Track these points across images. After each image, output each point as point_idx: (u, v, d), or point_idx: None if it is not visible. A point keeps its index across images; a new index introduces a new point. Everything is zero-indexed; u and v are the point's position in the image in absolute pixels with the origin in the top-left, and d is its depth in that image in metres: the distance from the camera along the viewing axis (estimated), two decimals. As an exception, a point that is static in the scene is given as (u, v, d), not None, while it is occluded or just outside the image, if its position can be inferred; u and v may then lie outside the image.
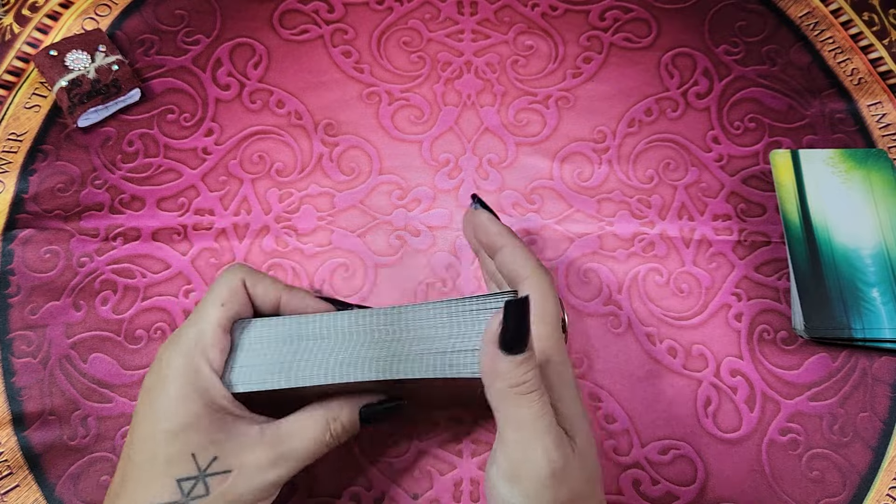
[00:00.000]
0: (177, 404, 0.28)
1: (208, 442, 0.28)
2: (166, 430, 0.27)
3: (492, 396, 0.26)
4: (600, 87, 0.47)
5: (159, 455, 0.27)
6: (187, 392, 0.28)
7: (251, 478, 0.28)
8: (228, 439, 0.28)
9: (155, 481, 0.27)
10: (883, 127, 0.47)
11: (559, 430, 0.26)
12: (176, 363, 0.28)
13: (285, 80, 0.47)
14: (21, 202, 0.43)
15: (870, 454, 0.39)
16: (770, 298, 0.42)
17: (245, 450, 0.28)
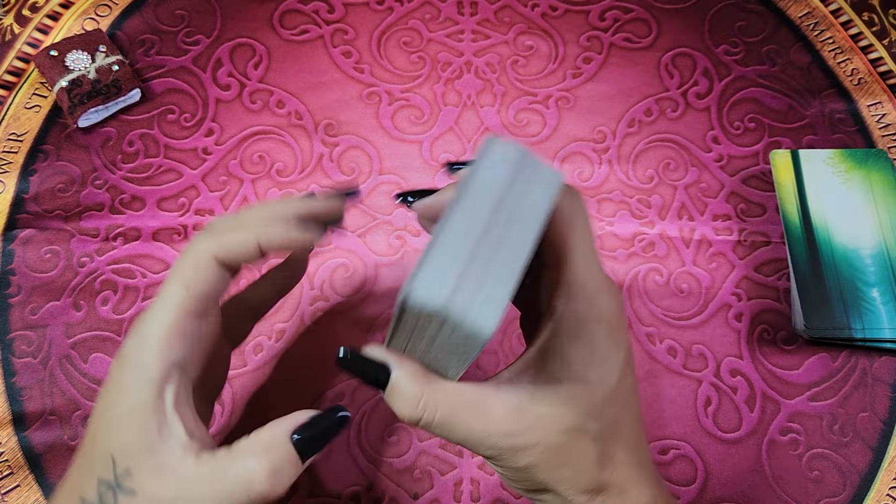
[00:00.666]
0: (118, 393, 0.25)
1: (128, 448, 0.24)
2: (104, 419, 0.25)
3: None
4: (600, 87, 0.47)
5: (98, 442, 0.25)
6: (128, 384, 0.25)
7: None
8: (148, 456, 0.24)
9: (87, 471, 0.25)
10: (883, 127, 0.47)
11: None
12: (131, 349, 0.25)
13: (285, 80, 0.47)
14: (21, 202, 0.43)
15: (870, 454, 0.39)
16: (770, 298, 0.42)
17: (157, 475, 0.24)
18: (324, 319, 0.41)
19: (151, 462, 0.24)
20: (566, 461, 0.25)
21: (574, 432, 0.25)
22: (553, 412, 0.25)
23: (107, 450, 0.25)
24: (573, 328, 0.25)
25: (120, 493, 0.24)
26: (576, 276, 0.25)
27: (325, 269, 0.42)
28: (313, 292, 0.41)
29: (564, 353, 0.25)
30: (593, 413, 0.25)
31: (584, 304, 0.25)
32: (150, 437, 0.25)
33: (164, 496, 0.24)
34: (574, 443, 0.25)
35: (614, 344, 0.26)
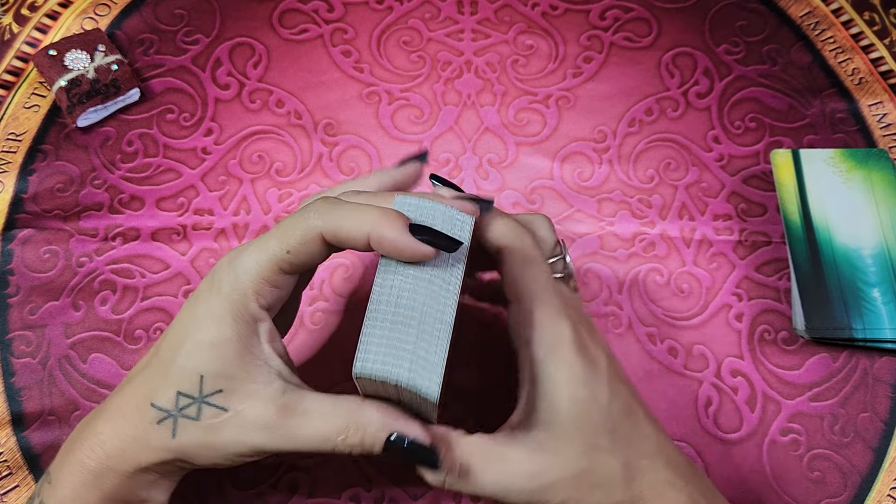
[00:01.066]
0: (212, 321, 0.26)
1: (221, 372, 0.26)
2: (194, 341, 0.26)
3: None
4: (601, 86, 0.47)
5: (178, 361, 0.26)
6: (225, 314, 0.26)
7: (241, 431, 0.26)
8: (242, 381, 0.26)
9: (162, 383, 0.26)
10: (884, 127, 0.47)
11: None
12: (226, 281, 0.27)
13: (285, 79, 0.47)
14: (20, 202, 0.43)
15: (871, 455, 0.39)
16: (771, 298, 0.42)
17: (254, 400, 0.26)
18: (323, 319, 0.40)
19: (248, 388, 0.26)
20: (594, 483, 0.26)
21: (589, 453, 0.26)
22: (563, 441, 0.26)
23: (194, 369, 0.26)
24: (548, 356, 0.27)
25: (206, 407, 0.26)
26: (538, 310, 0.27)
27: (324, 269, 0.42)
28: (313, 292, 0.41)
29: (550, 380, 0.27)
30: (599, 429, 0.27)
31: (550, 334, 0.27)
32: (251, 369, 0.26)
33: (258, 421, 0.26)
34: (594, 463, 0.26)
35: (590, 361, 0.27)
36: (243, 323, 0.26)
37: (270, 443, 0.26)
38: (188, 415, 0.26)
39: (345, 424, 0.26)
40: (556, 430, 0.26)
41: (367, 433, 0.26)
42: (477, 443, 0.27)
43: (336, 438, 0.26)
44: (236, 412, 0.26)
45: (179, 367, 0.26)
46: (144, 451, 0.27)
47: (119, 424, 0.27)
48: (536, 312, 0.28)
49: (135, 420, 0.27)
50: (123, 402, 0.27)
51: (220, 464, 0.27)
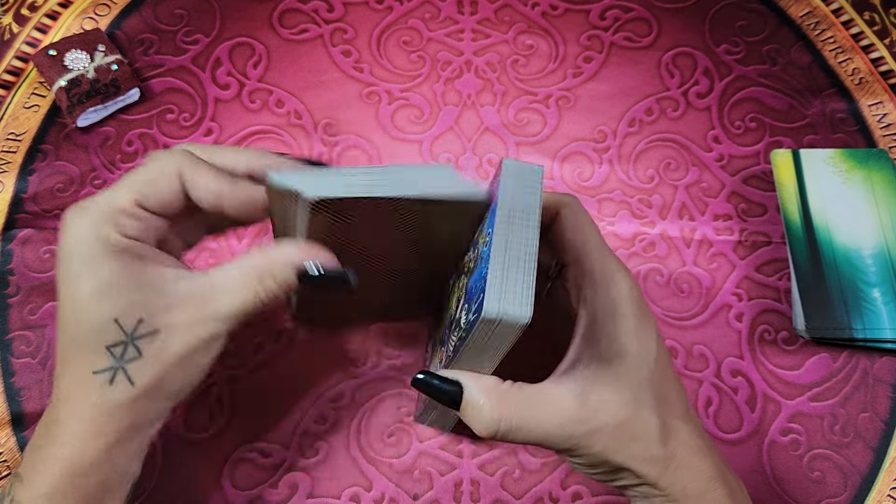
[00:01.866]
0: (89, 267, 0.26)
1: (128, 305, 0.26)
2: (85, 299, 0.26)
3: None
4: (601, 86, 0.47)
5: (84, 325, 0.26)
6: (97, 254, 0.26)
7: (182, 335, 0.27)
8: (152, 298, 0.27)
9: (89, 353, 0.26)
10: (884, 127, 0.47)
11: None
12: (82, 226, 0.27)
13: (285, 79, 0.47)
14: (20, 202, 0.43)
15: (871, 455, 0.39)
16: (771, 299, 0.42)
17: (171, 309, 0.27)
18: (323, 319, 0.40)
19: (162, 302, 0.27)
20: (634, 436, 0.27)
21: (634, 405, 0.27)
22: (611, 390, 0.27)
23: (104, 317, 0.26)
24: (607, 309, 0.28)
25: (139, 341, 0.26)
26: (596, 266, 0.29)
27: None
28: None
29: (606, 332, 0.28)
30: (644, 383, 0.27)
31: (610, 287, 0.29)
32: (149, 286, 0.27)
33: (187, 320, 0.27)
34: (637, 416, 0.27)
35: (644, 315, 0.29)
36: (121, 251, 0.27)
37: (212, 330, 0.27)
38: (130, 357, 0.26)
39: (255, 278, 0.27)
40: (606, 379, 0.27)
41: (277, 273, 0.28)
42: (528, 394, 0.27)
43: (256, 296, 0.27)
44: (166, 326, 0.27)
45: (90, 325, 0.26)
46: (115, 417, 0.27)
47: (78, 408, 0.27)
48: (598, 270, 0.29)
49: (89, 396, 0.27)
50: (69, 388, 0.27)
51: (192, 381, 0.28)
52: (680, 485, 0.27)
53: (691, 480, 0.28)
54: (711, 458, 0.28)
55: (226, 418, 0.38)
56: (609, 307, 0.28)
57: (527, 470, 0.38)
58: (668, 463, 0.27)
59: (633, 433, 0.27)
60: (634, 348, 0.28)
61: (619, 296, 0.28)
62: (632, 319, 0.28)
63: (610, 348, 0.28)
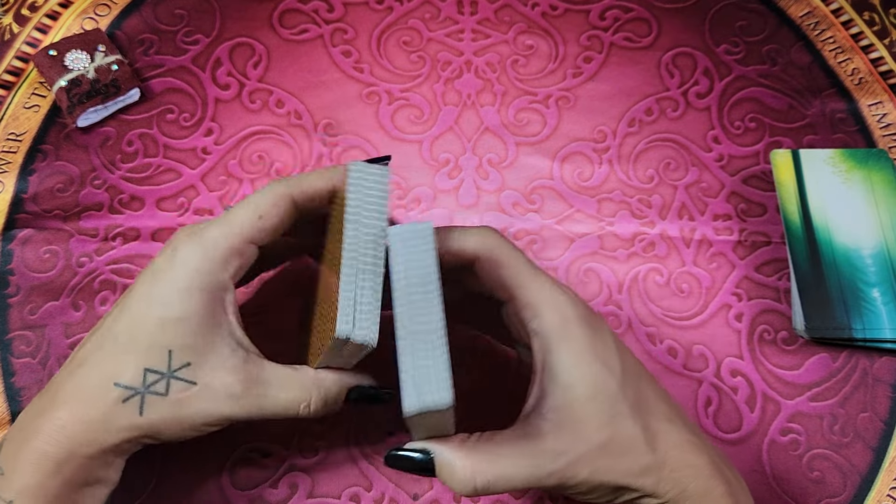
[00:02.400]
0: (179, 295, 0.27)
1: (189, 346, 0.27)
2: (159, 317, 0.27)
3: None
4: (600, 86, 0.47)
5: (141, 338, 0.27)
6: (193, 287, 0.27)
7: (209, 402, 0.27)
8: (209, 353, 0.27)
9: (126, 361, 0.27)
10: (884, 127, 0.47)
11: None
12: (192, 255, 0.27)
13: (285, 79, 0.47)
14: (20, 202, 0.43)
15: (870, 454, 0.39)
16: (771, 298, 0.42)
17: (218, 371, 0.27)
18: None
19: (216, 360, 0.27)
20: (620, 451, 0.26)
21: (610, 422, 0.26)
22: (583, 415, 0.26)
23: (161, 344, 0.26)
24: (555, 335, 0.27)
25: (175, 381, 0.27)
26: (532, 295, 0.28)
27: (324, 269, 0.42)
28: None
29: (561, 359, 0.27)
30: (615, 397, 0.27)
31: (552, 313, 0.27)
32: (217, 340, 0.27)
33: (227, 391, 0.27)
34: (617, 430, 0.26)
35: (596, 329, 0.28)
36: (210, 295, 0.27)
37: (238, 412, 0.27)
38: (156, 391, 0.26)
39: (308, 393, 0.28)
40: (574, 405, 0.27)
41: (331, 393, 0.29)
42: (500, 443, 0.27)
43: (300, 406, 0.28)
44: (204, 385, 0.27)
45: (145, 343, 0.26)
46: (110, 432, 0.27)
47: (79, 408, 0.27)
48: (535, 299, 0.28)
49: (97, 402, 0.27)
50: (81, 385, 0.27)
51: (184, 436, 0.28)
52: (679, 488, 0.27)
53: (691, 480, 0.27)
54: (707, 454, 0.28)
55: (226, 418, 0.38)
56: (557, 333, 0.27)
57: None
58: (662, 469, 0.27)
59: (618, 449, 0.26)
60: (595, 368, 0.27)
61: (564, 318, 0.27)
62: (583, 339, 0.27)
63: (571, 374, 0.27)
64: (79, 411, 0.27)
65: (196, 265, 0.27)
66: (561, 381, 0.27)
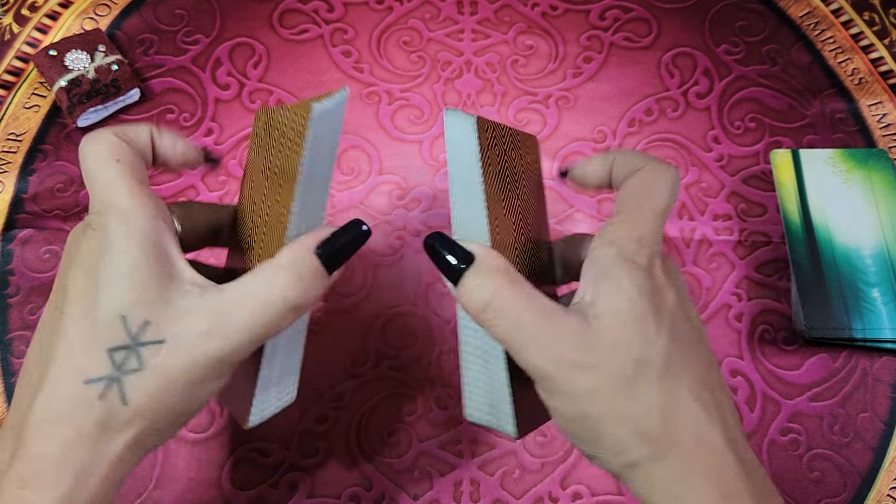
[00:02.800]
0: (112, 254, 0.23)
1: (139, 301, 0.23)
2: (100, 284, 0.23)
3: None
4: (600, 86, 0.47)
5: (90, 317, 0.23)
6: (123, 239, 0.23)
7: (187, 350, 0.23)
8: (164, 302, 0.23)
9: (84, 352, 0.23)
10: (883, 127, 0.47)
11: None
12: (104, 216, 0.24)
13: (285, 79, 0.47)
14: (20, 202, 0.43)
15: (870, 455, 0.39)
16: (770, 298, 0.42)
17: (181, 317, 0.23)
18: (324, 319, 0.40)
19: (172, 307, 0.23)
20: (631, 398, 0.23)
21: (640, 363, 0.23)
22: (619, 335, 0.23)
23: (112, 313, 0.23)
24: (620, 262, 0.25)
25: (142, 348, 0.23)
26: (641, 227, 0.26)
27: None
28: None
29: (622, 281, 0.24)
30: (655, 345, 0.24)
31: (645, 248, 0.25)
32: (164, 284, 0.23)
33: (197, 331, 0.23)
34: (640, 376, 0.23)
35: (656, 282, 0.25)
36: (143, 240, 0.24)
37: (222, 345, 0.23)
38: (130, 368, 0.23)
39: (275, 281, 0.24)
40: (614, 322, 0.24)
41: (301, 268, 0.25)
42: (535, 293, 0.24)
43: (277, 299, 0.24)
44: (173, 336, 0.23)
45: (97, 322, 0.23)
46: (101, 444, 0.22)
47: (60, 435, 0.22)
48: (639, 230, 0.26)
49: (73, 414, 0.22)
50: (50, 406, 0.23)
51: (187, 408, 0.24)
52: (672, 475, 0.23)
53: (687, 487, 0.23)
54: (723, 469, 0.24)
55: (226, 418, 0.38)
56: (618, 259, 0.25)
57: (527, 470, 0.38)
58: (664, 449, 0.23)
59: (630, 393, 0.23)
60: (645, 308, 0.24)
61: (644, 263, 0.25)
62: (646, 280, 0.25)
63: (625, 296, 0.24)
64: (59, 439, 0.22)
65: (111, 219, 0.24)
66: (616, 293, 0.24)
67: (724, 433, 0.24)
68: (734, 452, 0.24)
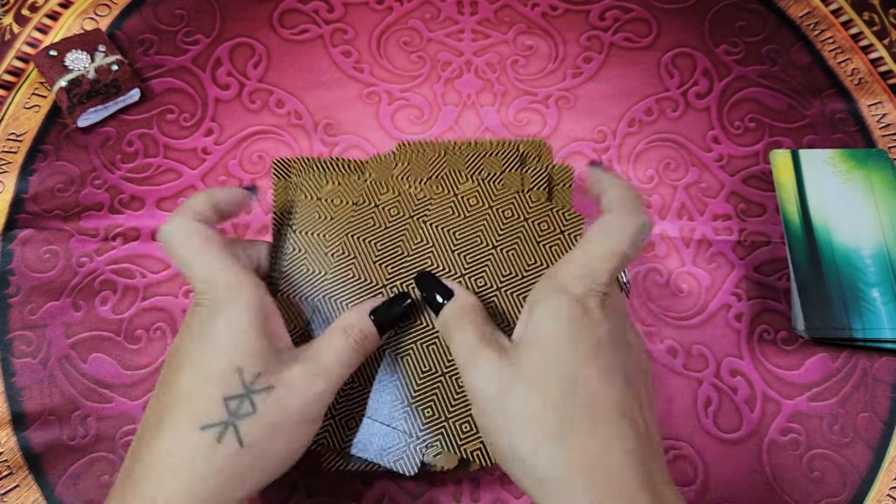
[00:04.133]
0: (230, 319, 0.27)
1: (255, 354, 0.27)
2: (219, 343, 0.27)
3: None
4: (600, 86, 0.47)
5: (208, 370, 0.26)
6: (239, 307, 0.27)
7: (294, 394, 0.27)
8: (272, 356, 0.27)
9: (201, 403, 0.26)
10: (883, 127, 0.47)
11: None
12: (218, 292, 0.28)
13: (285, 79, 0.47)
14: (21, 202, 0.43)
15: (870, 454, 0.39)
16: (770, 298, 0.42)
17: (284, 367, 0.27)
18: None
19: (279, 359, 0.28)
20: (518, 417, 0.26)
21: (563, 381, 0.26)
22: (542, 362, 0.27)
23: (229, 366, 0.26)
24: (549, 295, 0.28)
25: (255, 395, 0.26)
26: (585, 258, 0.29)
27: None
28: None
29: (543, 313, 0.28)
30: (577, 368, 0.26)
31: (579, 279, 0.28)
32: (271, 342, 0.28)
33: (302, 376, 0.28)
34: (531, 397, 0.26)
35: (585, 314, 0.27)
36: (248, 310, 0.28)
37: (322, 386, 0.28)
38: (244, 412, 0.26)
39: (343, 333, 0.30)
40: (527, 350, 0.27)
41: (360, 325, 0.30)
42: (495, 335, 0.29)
43: (349, 345, 0.29)
44: (281, 383, 0.27)
45: (215, 375, 0.26)
46: (227, 489, 0.25)
47: (181, 481, 0.25)
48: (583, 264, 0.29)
49: (194, 461, 0.25)
50: (170, 454, 0.25)
51: (294, 448, 0.28)
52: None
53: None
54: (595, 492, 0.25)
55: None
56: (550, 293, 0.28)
57: (526, 470, 0.38)
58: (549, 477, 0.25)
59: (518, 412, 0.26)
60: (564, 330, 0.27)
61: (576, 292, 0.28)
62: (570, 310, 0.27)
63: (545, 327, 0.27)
64: (181, 487, 0.25)
65: (226, 295, 0.28)
66: (529, 330, 0.28)
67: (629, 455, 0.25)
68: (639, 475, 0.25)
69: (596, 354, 0.26)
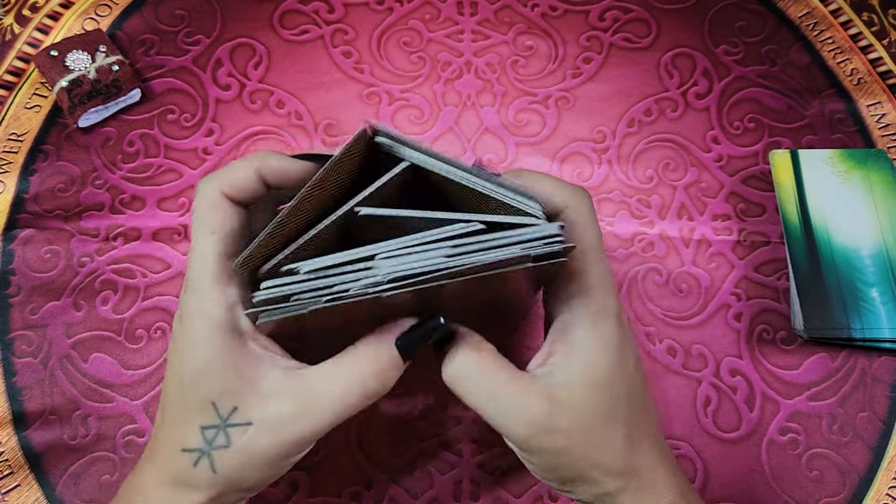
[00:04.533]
0: (195, 347, 0.26)
1: (226, 390, 0.26)
2: (190, 374, 0.26)
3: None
4: (600, 87, 0.47)
5: (186, 399, 0.26)
6: (204, 333, 0.26)
7: (271, 434, 0.26)
8: (249, 388, 0.26)
9: (184, 425, 0.26)
10: (882, 127, 0.47)
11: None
12: (189, 306, 0.27)
13: (285, 80, 0.47)
14: (21, 202, 0.43)
15: (869, 454, 0.39)
16: (769, 298, 0.42)
17: (267, 401, 0.26)
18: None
19: (257, 392, 0.26)
20: (600, 444, 0.26)
21: (607, 414, 0.26)
22: (587, 399, 0.26)
23: (203, 399, 0.26)
24: (593, 320, 0.27)
25: (231, 430, 0.26)
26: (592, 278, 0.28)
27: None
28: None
29: (591, 342, 0.27)
30: (618, 393, 0.27)
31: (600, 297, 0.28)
32: (247, 373, 0.26)
33: (284, 415, 0.26)
34: (608, 424, 0.26)
35: (625, 331, 0.28)
36: (222, 334, 0.26)
37: (304, 429, 0.26)
38: (219, 445, 0.26)
39: (355, 369, 0.26)
40: (580, 382, 0.26)
41: (381, 359, 0.27)
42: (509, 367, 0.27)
43: (359, 388, 0.26)
44: (260, 420, 0.26)
45: (192, 403, 0.26)
46: (194, 495, 0.26)
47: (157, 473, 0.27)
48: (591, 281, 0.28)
49: (170, 467, 0.27)
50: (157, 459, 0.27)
51: (272, 475, 0.27)
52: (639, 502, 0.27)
53: (653, 499, 0.27)
54: (675, 478, 0.28)
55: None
56: (593, 317, 0.27)
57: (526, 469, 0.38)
58: (632, 477, 0.27)
59: (600, 440, 0.26)
60: (613, 358, 0.27)
61: (605, 309, 0.27)
62: (616, 335, 0.27)
63: (592, 355, 0.27)
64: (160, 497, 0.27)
65: (195, 312, 0.26)
66: (578, 358, 0.27)
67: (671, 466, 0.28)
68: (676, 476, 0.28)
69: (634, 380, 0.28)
